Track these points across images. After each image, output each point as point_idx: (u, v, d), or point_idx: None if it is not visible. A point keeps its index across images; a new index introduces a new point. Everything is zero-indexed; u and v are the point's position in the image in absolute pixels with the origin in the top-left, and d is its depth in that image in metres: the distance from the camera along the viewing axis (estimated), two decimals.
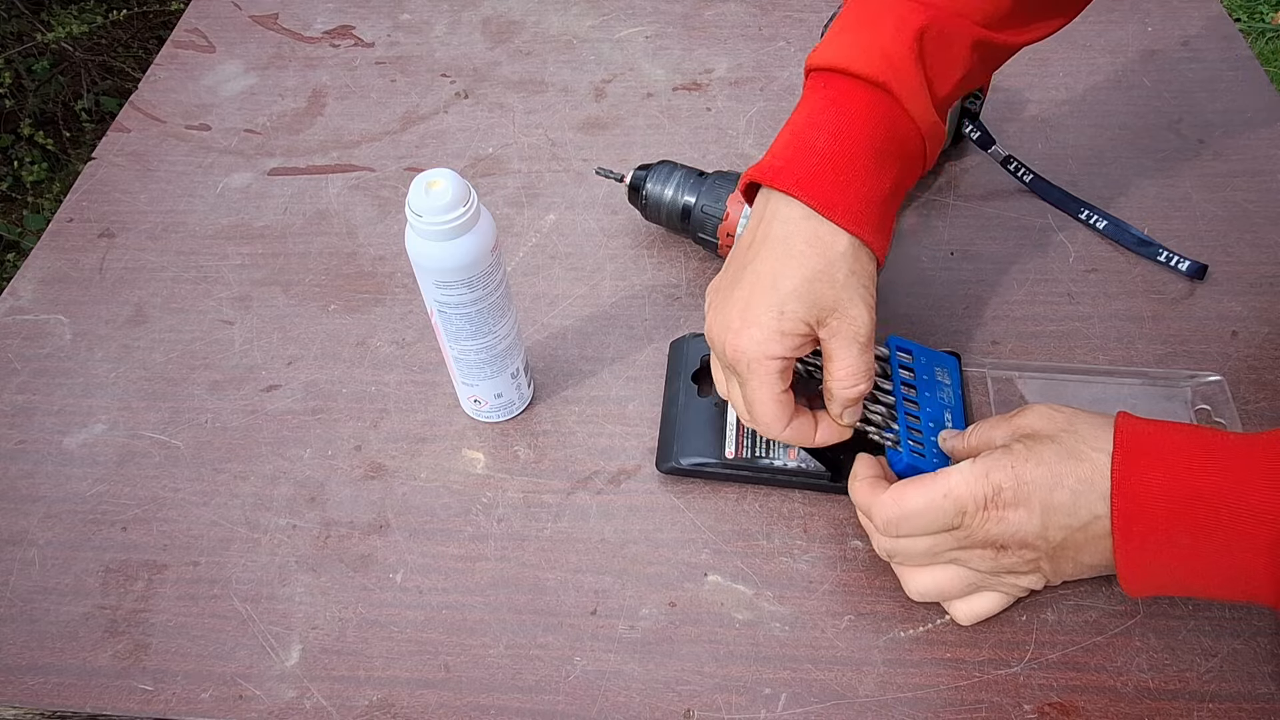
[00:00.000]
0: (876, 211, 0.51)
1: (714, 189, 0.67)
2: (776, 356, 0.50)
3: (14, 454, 0.63)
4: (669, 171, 0.69)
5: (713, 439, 0.59)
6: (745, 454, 0.58)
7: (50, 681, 0.53)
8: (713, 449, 0.58)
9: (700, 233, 0.68)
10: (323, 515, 0.59)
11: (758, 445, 0.58)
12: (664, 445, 0.60)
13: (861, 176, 0.51)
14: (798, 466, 0.58)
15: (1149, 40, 0.85)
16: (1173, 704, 0.50)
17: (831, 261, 0.50)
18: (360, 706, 0.51)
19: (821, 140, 0.51)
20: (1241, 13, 2.21)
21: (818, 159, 0.51)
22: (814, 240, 0.50)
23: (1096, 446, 0.45)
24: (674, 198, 0.68)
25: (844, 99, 0.51)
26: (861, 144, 0.51)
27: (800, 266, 0.50)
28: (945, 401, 0.58)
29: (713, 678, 0.52)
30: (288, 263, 0.73)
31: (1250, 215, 0.71)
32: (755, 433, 0.58)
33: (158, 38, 2.02)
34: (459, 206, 0.50)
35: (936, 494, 0.47)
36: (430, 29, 0.91)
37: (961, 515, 0.47)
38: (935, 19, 0.51)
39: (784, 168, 0.51)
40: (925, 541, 0.49)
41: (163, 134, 0.83)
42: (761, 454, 0.58)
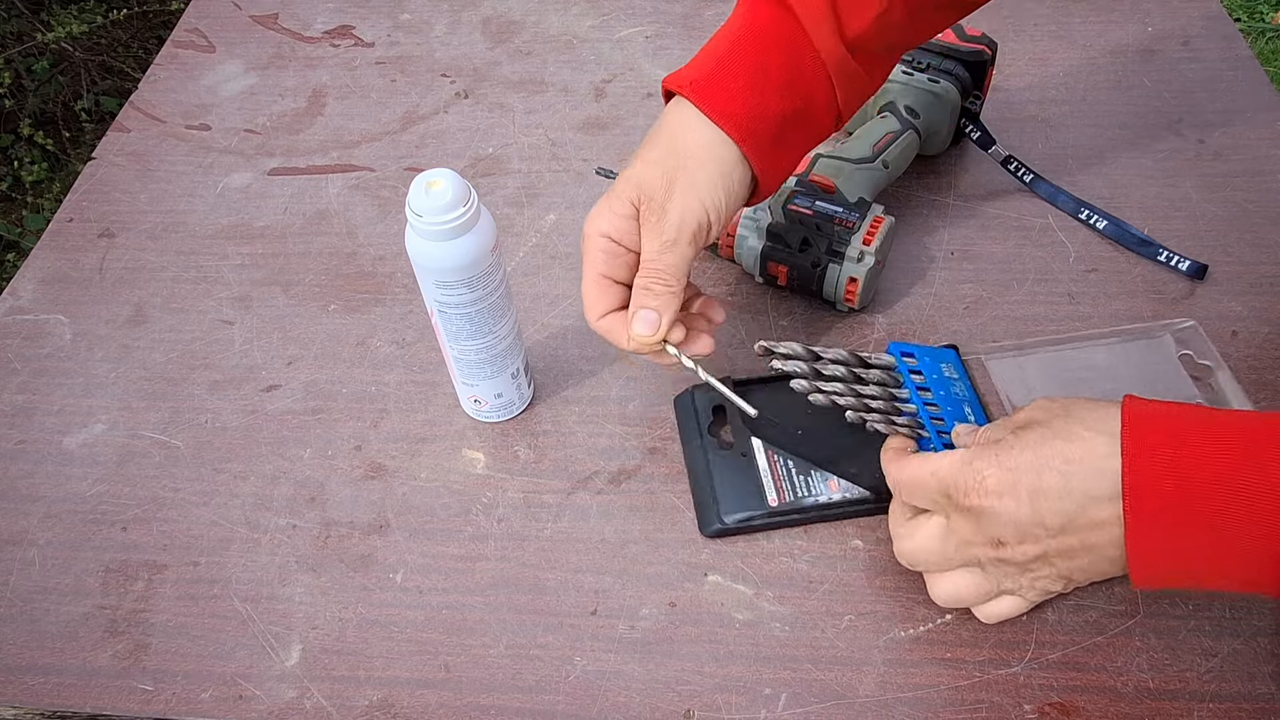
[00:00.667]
0: (760, 124, 0.52)
1: None
2: (601, 234, 0.52)
3: (14, 454, 0.63)
4: None
5: (751, 490, 0.57)
6: (788, 497, 0.57)
7: (50, 681, 0.53)
8: (755, 500, 0.57)
9: None
10: (323, 515, 0.59)
11: (798, 486, 0.57)
12: (703, 507, 0.57)
13: (747, 86, 0.51)
14: (841, 498, 0.57)
15: (1149, 40, 0.85)
16: (1173, 704, 0.50)
17: (685, 150, 0.51)
18: (360, 706, 0.51)
19: (721, 48, 0.52)
20: (1241, 13, 2.21)
21: (711, 64, 0.52)
22: (678, 130, 0.51)
23: (1093, 427, 0.44)
24: None
25: (750, 14, 0.52)
26: (754, 55, 0.51)
27: (649, 150, 0.52)
28: (960, 395, 0.58)
29: (713, 678, 0.52)
30: (288, 263, 0.73)
31: (1250, 215, 0.71)
32: (792, 473, 0.57)
33: (158, 38, 2.02)
34: (459, 206, 0.50)
35: (925, 470, 0.48)
36: (430, 29, 0.91)
37: (946, 497, 0.47)
38: None
39: (682, 72, 0.53)
40: (934, 544, 0.49)
41: (163, 134, 0.83)
42: (804, 493, 0.57)
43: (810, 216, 0.63)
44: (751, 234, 0.65)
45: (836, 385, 0.56)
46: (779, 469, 0.58)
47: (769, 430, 0.59)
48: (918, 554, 0.50)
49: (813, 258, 0.63)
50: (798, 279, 0.65)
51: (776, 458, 0.58)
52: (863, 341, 0.65)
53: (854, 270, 0.63)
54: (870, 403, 0.56)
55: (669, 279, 0.51)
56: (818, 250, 0.63)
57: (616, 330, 0.53)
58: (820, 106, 0.53)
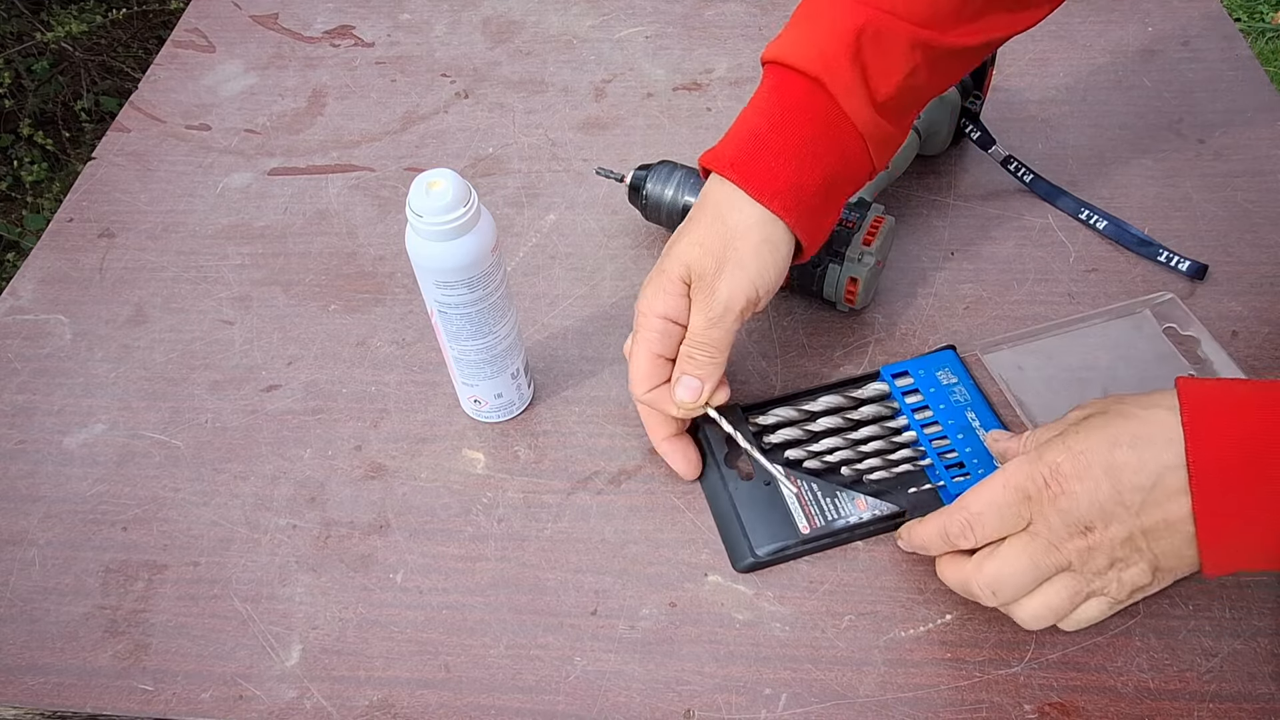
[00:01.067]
0: (803, 196, 0.53)
1: None
2: (658, 314, 0.54)
3: (14, 454, 0.63)
4: (669, 171, 0.69)
5: (780, 519, 0.56)
6: (818, 522, 0.56)
7: (50, 681, 0.53)
8: (786, 530, 0.55)
9: None
10: (323, 515, 0.59)
11: (826, 510, 0.56)
12: (733, 543, 0.56)
13: (789, 162, 0.53)
14: (871, 516, 0.56)
15: (1149, 40, 0.85)
16: (1173, 704, 0.50)
17: (733, 230, 0.53)
18: (360, 706, 0.51)
19: (760, 127, 0.54)
20: (1241, 13, 2.21)
21: (750, 143, 0.54)
22: (724, 210, 0.53)
23: (1150, 405, 0.45)
24: (674, 198, 0.68)
25: (783, 90, 0.54)
26: (792, 132, 0.53)
27: (696, 230, 0.53)
28: (962, 401, 0.58)
29: (713, 678, 0.52)
30: (288, 263, 0.73)
31: (1250, 215, 0.71)
32: (819, 496, 0.57)
33: (158, 38, 2.02)
34: (459, 207, 0.50)
35: (995, 486, 0.47)
36: (430, 29, 0.91)
37: (1026, 501, 0.46)
38: (873, 19, 0.52)
39: (721, 151, 0.55)
40: (1021, 559, 0.47)
41: (163, 134, 0.83)
42: (834, 515, 0.56)
43: None
44: None
45: (831, 441, 0.59)
46: (804, 494, 0.57)
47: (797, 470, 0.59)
48: (1005, 577, 0.47)
49: (813, 258, 0.63)
50: (798, 279, 0.65)
51: (800, 482, 0.57)
52: (862, 342, 0.65)
53: (854, 270, 0.63)
54: (864, 449, 0.59)
55: (714, 351, 0.54)
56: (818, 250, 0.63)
57: (662, 400, 0.56)
58: (856, 166, 0.55)
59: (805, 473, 0.58)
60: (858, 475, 0.58)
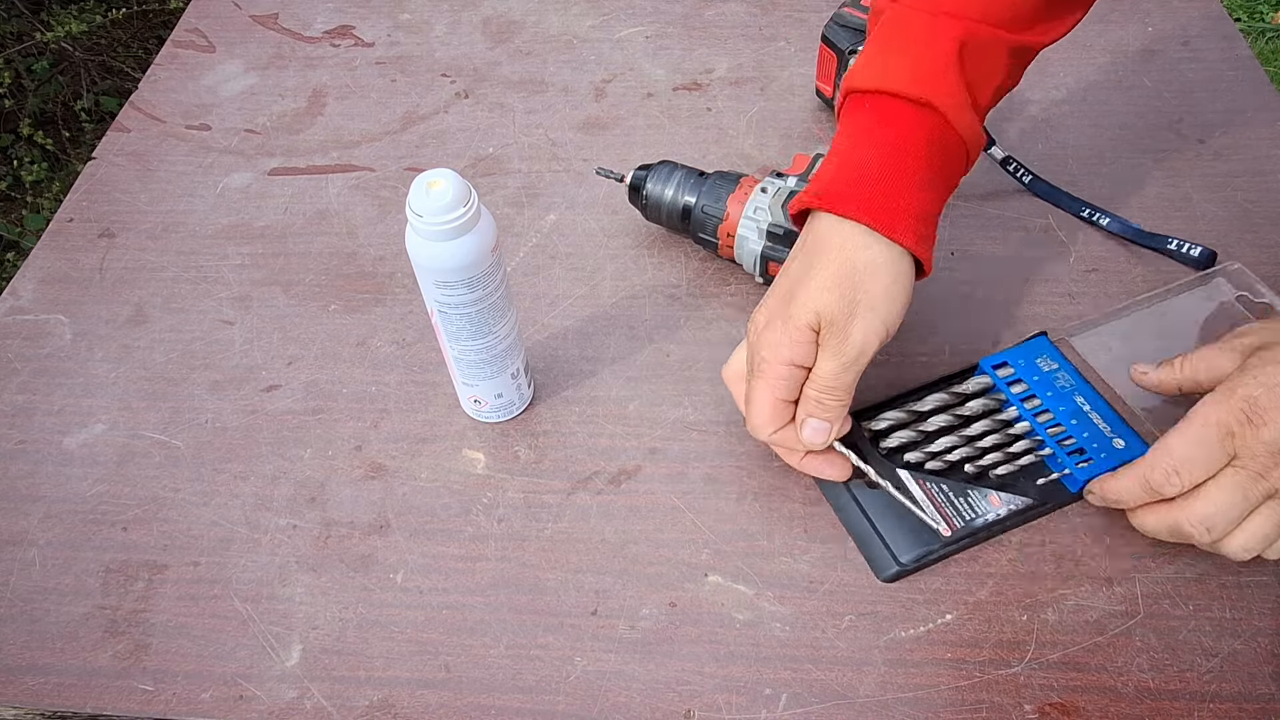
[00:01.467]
0: (929, 225, 0.53)
1: (714, 189, 0.67)
2: (785, 362, 0.52)
3: (14, 454, 0.63)
4: (669, 171, 0.69)
5: (917, 524, 0.56)
6: (957, 524, 0.55)
7: (50, 681, 0.53)
8: (926, 534, 0.55)
9: (700, 233, 0.68)
10: (323, 515, 0.59)
11: (962, 510, 0.56)
12: (873, 553, 0.55)
13: (915, 192, 0.52)
14: (1008, 511, 0.56)
15: (1149, 40, 0.85)
16: (1173, 704, 0.50)
17: (863, 271, 0.51)
18: (360, 707, 0.51)
19: (875, 160, 0.52)
20: (1241, 13, 2.21)
21: (871, 179, 0.52)
22: (849, 251, 0.51)
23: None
24: (674, 198, 0.68)
25: (891, 119, 0.53)
26: (912, 162, 0.52)
27: (820, 274, 0.52)
28: (1067, 387, 0.58)
29: (713, 678, 0.52)
30: (288, 263, 0.73)
31: (1250, 215, 0.71)
32: (951, 498, 0.56)
33: (158, 38, 2.02)
34: (459, 206, 0.50)
35: (1195, 427, 0.49)
36: (430, 29, 0.91)
37: (1230, 437, 0.48)
38: (970, 31, 0.52)
39: (834, 190, 0.53)
40: (1230, 493, 0.48)
41: (163, 134, 0.83)
42: (970, 515, 0.56)
43: None
44: (752, 234, 0.65)
45: (947, 440, 0.58)
46: (937, 497, 0.56)
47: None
48: (1218, 513, 0.49)
49: None
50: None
51: (929, 484, 0.57)
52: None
53: None
54: (981, 444, 0.58)
55: (843, 396, 0.53)
56: None
57: (788, 439, 0.55)
58: (959, 177, 0.56)
59: (928, 474, 0.57)
60: (981, 471, 0.57)
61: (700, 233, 0.68)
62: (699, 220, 0.67)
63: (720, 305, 0.68)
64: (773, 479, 0.59)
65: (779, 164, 0.77)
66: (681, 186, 0.68)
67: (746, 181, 0.67)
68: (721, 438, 0.61)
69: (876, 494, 0.57)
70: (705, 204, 0.66)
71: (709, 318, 0.67)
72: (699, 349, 0.66)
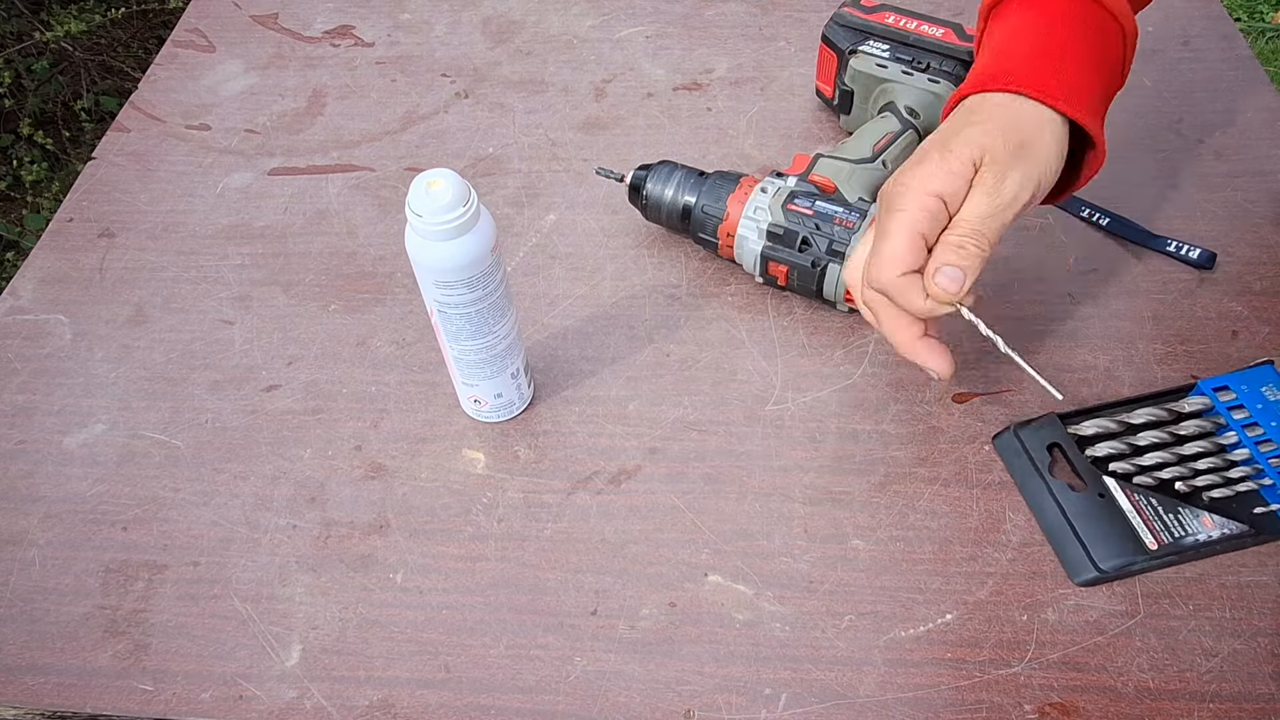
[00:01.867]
0: (1093, 98, 0.52)
1: (714, 189, 0.67)
2: (932, 193, 0.49)
3: (14, 454, 0.63)
4: (669, 172, 0.68)
5: (1123, 533, 0.55)
6: (1165, 539, 0.54)
7: (50, 681, 0.53)
8: (1131, 545, 0.54)
9: (700, 233, 0.68)
10: (323, 515, 0.59)
11: (1170, 525, 0.55)
12: (1070, 555, 0.55)
13: (1074, 67, 0.51)
14: (1221, 534, 0.54)
15: (1149, 40, 0.85)
16: (1173, 704, 0.50)
17: (1028, 127, 0.50)
18: (360, 706, 0.51)
19: (1024, 41, 0.52)
20: (1241, 13, 2.21)
21: (1029, 56, 0.51)
22: (1015, 114, 0.50)
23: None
24: (674, 198, 0.68)
25: (1045, 4, 0.53)
26: (1071, 43, 0.52)
27: (985, 122, 0.50)
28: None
29: (713, 678, 0.52)
30: (288, 263, 0.73)
31: (1250, 215, 0.71)
32: (1160, 512, 0.55)
33: (158, 37, 2.02)
34: (459, 206, 0.50)
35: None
36: (430, 29, 0.91)
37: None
38: None
39: (999, 72, 0.51)
40: None
41: (163, 134, 0.83)
42: (1180, 532, 0.55)
43: (810, 216, 0.63)
44: (752, 234, 0.65)
45: (1157, 456, 0.57)
46: (1145, 509, 0.55)
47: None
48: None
49: (812, 257, 0.63)
50: (798, 279, 0.65)
51: (1137, 496, 0.56)
52: (862, 341, 0.65)
53: None
54: (1196, 465, 0.57)
55: (986, 243, 0.49)
56: (818, 250, 0.63)
57: (910, 290, 0.50)
58: (1119, 75, 0.55)
59: (1136, 487, 0.56)
60: (1193, 491, 0.56)
61: (700, 233, 0.68)
62: (699, 220, 0.67)
63: (720, 305, 0.68)
64: (773, 479, 0.59)
65: (779, 164, 0.77)
66: (681, 186, 0.68)
67: (746, 181, 0.67)
68: (721, 438, 0.61)
69: (1075, 498, 0.56)
70: (705, 204, 0.66)
71: (709, 318, 0.67)
72: (699, 349, 0.66)
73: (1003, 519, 0.57)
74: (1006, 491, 0.58)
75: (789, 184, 0.66)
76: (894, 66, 0.72)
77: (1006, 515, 0.57)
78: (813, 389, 0.63)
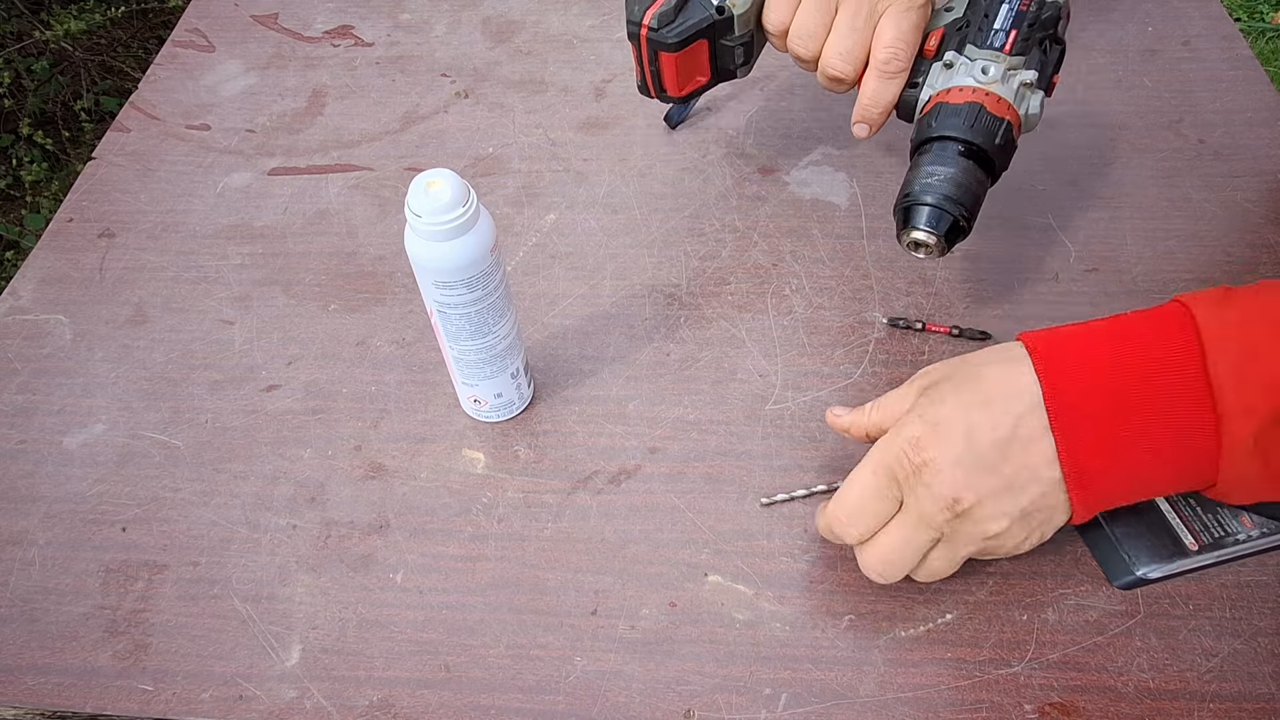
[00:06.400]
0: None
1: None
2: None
3: (14, 454, 0.63)
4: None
5: (1158, 535, 0.54)
6: (1205, 539, 0.53)
7: (50, 681, 0.53)
8: (1170, 548, 0.53)
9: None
10: (323, 515, 0.59)
11: (1210, 525, 0.54)
12: (1107, 558, 0.54)
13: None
14: (1260, 533, 0.53)
15: (1149, 40, 0.85)
16: (1173, 704, 0.50)
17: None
18: (360, 707, 0.51)
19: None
20: (1241, 13, 2.21)
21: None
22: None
23: (993, 361, 0.47)
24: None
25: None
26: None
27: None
28: None
29: (713, 678, 0.52)
30: (288, 263, 0.73)
31: (1250, 215, 0.71)
32: (1199, 511, 0.54)
33: (158, 37, 2.02)
34: (458, 207, 0.50)
35: (865, 474, 0.49)
36: (430, 29, 0.91)
37: (894, 482, 0.48)
38: None
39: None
40: (898, 544, 0.49)
41: (163, 134, 0.83)
42: (1220, 532, 0.53)
43: None
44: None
45: None
46: (1183, 509, 0.55)
47: None
48: (890, 562, 0.50)
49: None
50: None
51: (1174, 496, 0.55)
52: (863, 341, 0.65)
53: None
54: None
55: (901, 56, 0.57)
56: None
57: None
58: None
59: None
60: None
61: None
62: None
63: (720, 305, 0.68)
64: (773, 479, 0.59)
65: (779, 163, 0.77)
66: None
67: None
68: (721, 437, 0.61)
69: None
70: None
71: (709, 317, 0.67)
72: (699, 348, 0.66)
73: None
74: None
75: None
76: None
77: None
78: (813, 389, 0.63)
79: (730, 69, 0.65)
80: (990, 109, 0.56)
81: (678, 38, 0.61)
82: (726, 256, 0.71)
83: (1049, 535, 0.49)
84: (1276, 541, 0.54)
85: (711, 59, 0.64)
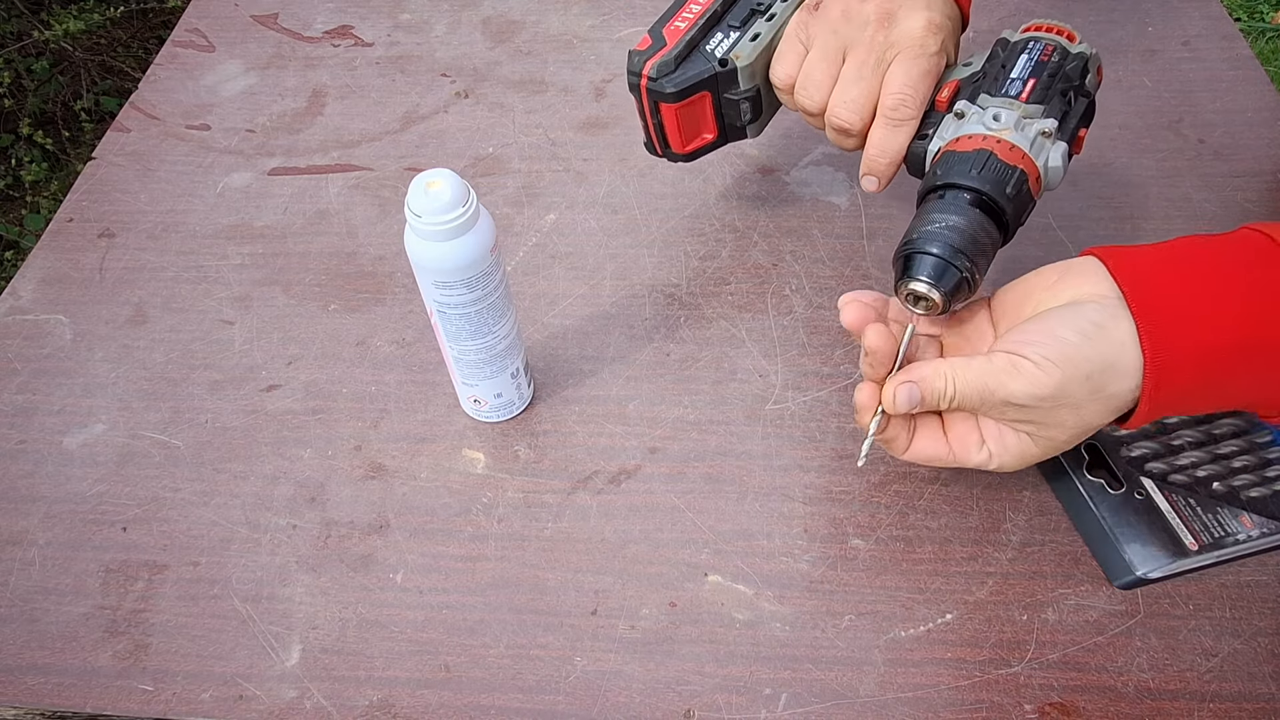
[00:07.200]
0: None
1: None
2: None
3: (14, 454, 0.63)
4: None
5: (1161, 534, 0.54)
6: (1205, 539, 0.54)
7: (50, 681, 0.53)
8: (1171, 548, 0.53)
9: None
10: (323, 515, 0.59)
11: (1210, 525, 0.54)
12: (1108, 558, 0.54)
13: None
14: (1260, 533, 0.54)
15: (1149, 40, 0.85)
16: (1173, 704, 0.50)
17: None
18: (360, 707, 0.51)
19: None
20: (1241, 13, 2.21)
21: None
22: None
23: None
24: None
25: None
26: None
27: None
28: None
29: (713, 678, 0.52)
30: (288, 263, 0.73)
31: (1250, 215, 0.71)
32: (1199, 512, 0.55)
33: (158, 37, 2.02)
34: (458, 207, 0.50)
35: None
36: (430, 29, 0.91)
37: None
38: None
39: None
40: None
41: (163, 134, 0.83)
42: (1220, 532, 0.54)
43: None
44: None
45: (1193, 455, 0.56)
46: (1183, 509, 0.55)
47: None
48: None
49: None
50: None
51: (1175, 496, 0.56)
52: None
53: None
54: (1232, 463, 0.56)
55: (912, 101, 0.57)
56: None
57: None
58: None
59: (1172, 486, 0.56)
60: (1230, 490, 0.56)
61: None
62: None
63: (720, 304, 0.68)
64: (772, 479, 0.59)
65: (779, 164, 0.77)
66: None
67: None
68: (721, 437, 0.61)
69: (1111, 499, 0.56)
70: None
71: (709, 317, 0.67)
72: (699, 348, 0.66)
73: (1003, 519, 0.57)
74: (1007, 491, 0.58)
75: None
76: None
77: (1006, 515, 0.57)
78: (813, 389, 0.63)
79: (738, 125, 0.63)
80: (1001, 156, 0.51)
81: (676, 88, 0.59)
82: (726, 256, 0.71)
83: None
84: (1276, 541, 0.54)
85: (717, 114, 0.62)
